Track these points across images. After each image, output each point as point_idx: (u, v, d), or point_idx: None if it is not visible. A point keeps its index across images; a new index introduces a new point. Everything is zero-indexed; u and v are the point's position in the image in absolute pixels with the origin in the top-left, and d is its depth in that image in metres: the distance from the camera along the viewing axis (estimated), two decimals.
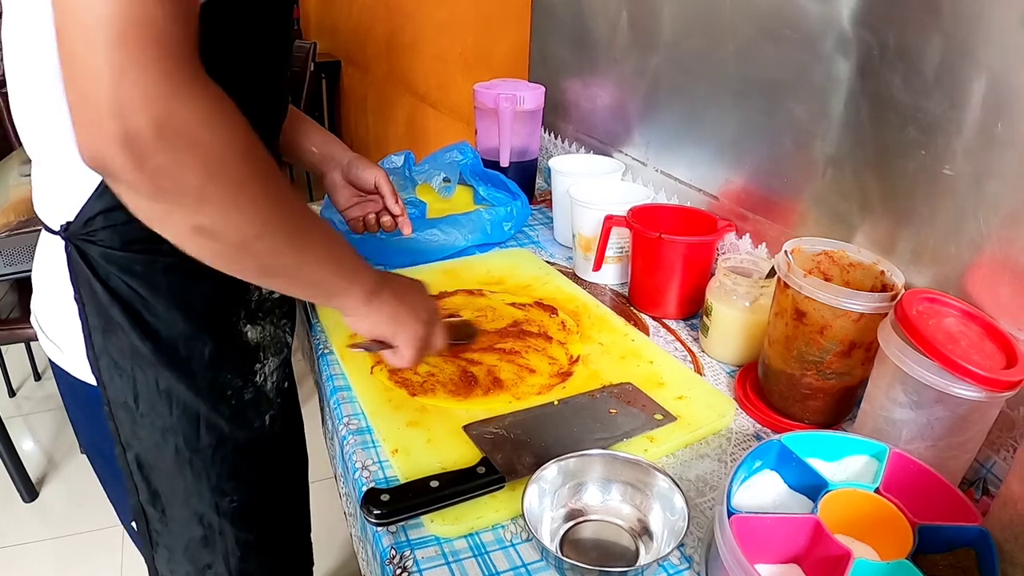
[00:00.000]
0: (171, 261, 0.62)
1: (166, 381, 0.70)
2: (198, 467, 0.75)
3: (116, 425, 0.72)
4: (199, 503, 0.77)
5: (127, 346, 0.68)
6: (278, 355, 0.84)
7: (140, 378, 0.70)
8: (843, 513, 0.58)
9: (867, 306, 0.69)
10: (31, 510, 2.01)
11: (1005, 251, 0.68)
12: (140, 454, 0.73)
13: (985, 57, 0.67)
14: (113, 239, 0.65)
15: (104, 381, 0.70)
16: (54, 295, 0.70)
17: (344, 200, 1.02)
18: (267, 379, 0.81)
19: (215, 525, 0.78)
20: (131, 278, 0.66)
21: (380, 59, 3.17)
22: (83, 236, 0.65)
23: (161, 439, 0.72)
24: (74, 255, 0.65)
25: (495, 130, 1.32)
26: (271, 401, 0.82)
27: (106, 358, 0.69)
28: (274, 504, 0.87)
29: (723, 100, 1.03)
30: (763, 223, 0.99)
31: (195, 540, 0.78)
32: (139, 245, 0.65)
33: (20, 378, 2.53)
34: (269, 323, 0.81)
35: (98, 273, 0.66)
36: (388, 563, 0.61)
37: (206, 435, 0.74)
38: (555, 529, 0.64)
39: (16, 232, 1.69)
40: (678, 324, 1.00)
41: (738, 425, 0.79)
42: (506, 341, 0.90)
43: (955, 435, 0.63)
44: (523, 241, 1.26)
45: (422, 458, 0.70)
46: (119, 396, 0.70)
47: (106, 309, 0.67)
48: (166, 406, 0.71)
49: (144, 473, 0.74)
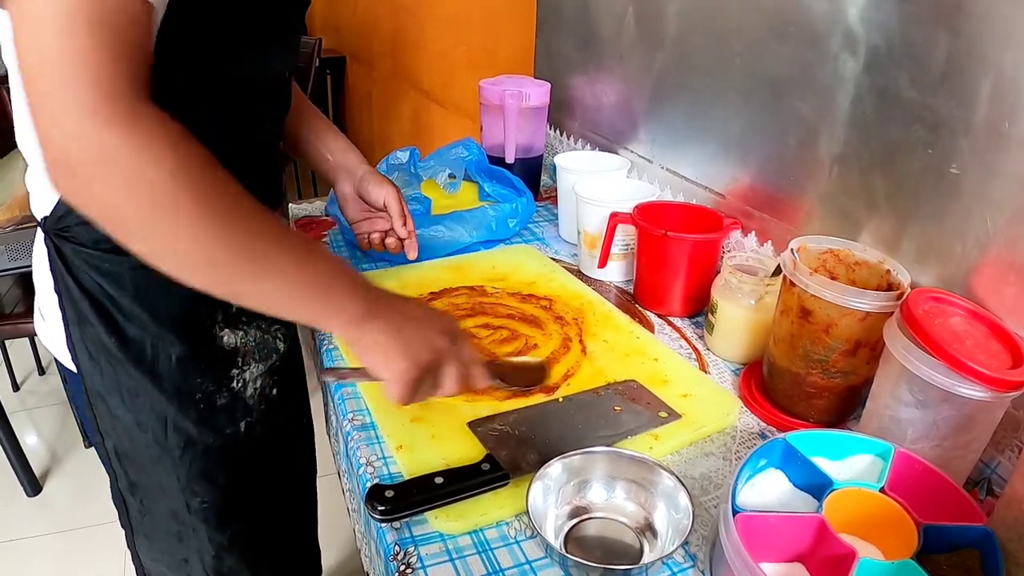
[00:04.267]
0: (138, 262, 0.57)
1: (132, 380, 0.71)
2: (167, 464, 0.75)
3: (95, 414, 0.73)
4: (171, 500, 0.77)
5: (97, 340, 0.69)
6: (263, 361, 0.82)
7: (110, 374, 0.70)
8: (848, 512, 0.58)
9: (873, 305, 0.69)
10: (35, 504, 2.01)
11: (1011, 250, 0.67)
12: (117, 444, 0.74)
13: (992, 55, 0.66)
14: (84, 236, 0.66)
15: (83, 371, 0.71)
16: (43, 286, 0.72)
17: (354, 213, 1.01)
18: (247, 385, 0.80)
19: (187, 523, 0.78)
20: (99, 276, 0.67)
21: (385, 55, 3.16)
22: (57, 231, 0.66)
23: (136, 431, 0.73)
24: (51, 248, 0.67)
25: (500, 127, 1.32)
26: (250, 408, 0.81)
27: (83, 348, 0.70)
28: (252, 507, 0.86)
29: (729, 98, 1.03)
30: (769, 221, 0.99)
31: (171, 535, 0.78)
32: (108, 243, 0.64)
33: (24, 372, 2.54)
34: (255, 328, 0.79)
35: (70, 268, 0.67)
36: (392, 559, 0.61)
37: (173, 435, 0.74)
38: (559, 526, 0.64)
39: (21, 227, 1.70)
40: (683, 322, 1.00)
41: (743, 423, 0.79)
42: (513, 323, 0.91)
43: (960, 435, 0.63)
44: (528, 238, 1.26)
45: (426, 454, 0.70)
46: (95, 386, 0.71)
47: (77, 303, 0.68)
48: (132, 403, 0.72)
49: (121, 463, 0.75)
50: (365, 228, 1.01)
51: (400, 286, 1.02)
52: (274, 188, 0.82)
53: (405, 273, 1.07)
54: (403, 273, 1.07)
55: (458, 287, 1.02)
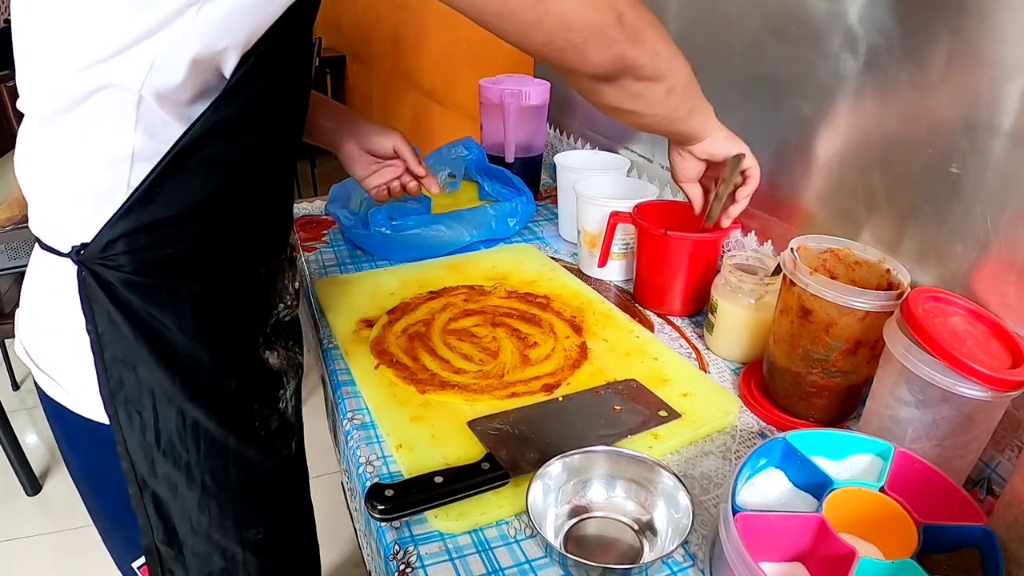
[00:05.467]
0: (197, 289, 0.59)
1: (192, 416, 0.66)
2: (224, 502, 0.71)
3: (132, 464, 0.66)
4: (222, 537, 0.72)
5: (150, 380, 0.63)
6: (296, 377, 0.81)
7: (163, 414, 0.65)
8: (848, 512, 0.58)
9: (873, 304, 0.69)
10: (34, 504, 2.01)
11: (1012, 250, 0.67)
12: (158, 493, 0.68)
13: (992, 54, 0.66)
14: (134, 265, 0.60)
15: (120, 420, 0.64)
16: (53, 325, 0.65)
17: (362, 170, 1.00)
18: (287, 404, 0.79)
19: (238, 557, 0.74)
20: (154, 307, 0.62)
21: (385, 55, 3.16)
22: (100, 260, 0.59)
23: (185, 476, 0.68)
24: (89, 281, 0.60)
25: (500, 126, 1.32)
26: (293, 427, 0.80)
27: (123, 394, 0.63)
28: (296, 528, 0.85)
29: (729, 97, 1.03)
30: (769, 220, 0.99)
31: (215, 572, 0.74)
32: (162, 271, 0.61)
33: (24, 372, 2.54)
34: (282, 347, 0.78)
35: (118, 301, 0.60)
36: (392, 558, 0.61)
37: (235, 469, 0.70)
38: (559, 526, 0.64)
39: (20, 226, 1.70)
40: (683, 321, 1.00)
41: (743, 423, 0.79)
42: (513, 321, 0.91)
43: (960, 434, 0.63)
44: (528, 237, 1.26)
45: (426, 454, 0.70)
46: (136, 435, 0.65)
47: (127, 340, 0.61)
48: (193, 442, 0.67)
49: (161, 512, 0.69)
50: (377, 181, 1.01)
51: (400, 285, 1.02)
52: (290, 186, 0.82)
53: (405, 272, 1.07)
54: (403, 272, 1.07)
55: (458, 286, 1.02)
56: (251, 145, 0.63)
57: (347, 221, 1.17)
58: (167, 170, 0.57)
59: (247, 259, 0.70)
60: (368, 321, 0.93)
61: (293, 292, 0.82)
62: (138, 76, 0.52)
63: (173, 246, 0.61)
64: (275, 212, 0.73)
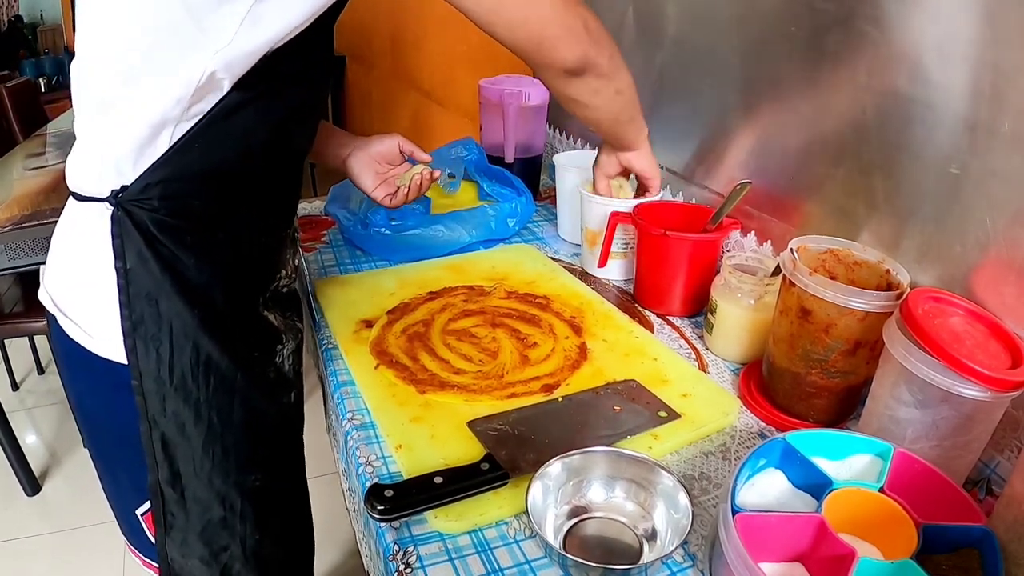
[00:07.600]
0: (220, 238, 0.70)
1: (207, 351, 0.71)
2: (228, 443, 0.75)
3: (145, 400, 0.71)
4: (223, 483, 0.76)
5: (170, 314, 0.69)
6: (294, 340, 0.86)
7: (179, 348, 0.70)
8: (847, 512, 0.58)
9: (872, 305, 0.69)
10: (33, 504, 2.01)
11: (1011, 250, 0.67)
12: (166, 434, 0.73)
13: (993, 56, 0.66)
14: (167, 208, 0.67)
15: (139, 353, 0.69)
16: (81, 270, 0.71)
17: (371, 182, 1.03)
18: (285, 360, 0.83)
19: (236, 506, 0.78)
20: (180, 248, 0.68)
21: (385, 55, 3.16)
22: (136, 202, 0.66)
23: (193, 414, 0.72)
24: (124, 220, 0.66)
25: (500, 126, 1.32)
26: (291, 382, 0.85)
27: (143, 328, 0.69)
28: (291, 487, 0.88)
29: (729, 97, 1.03)
30: (768, 221, 0.99)
31: (214, 522, 0.78)
32: (191, 217, 0.68)
33: (23, 372, 2.54)
34: (279, 314, 0.84)
35: (149, 239, 0.67)
36: (391, 559, 0.61)
37: (239, 409, 0.75)
38: (559, 526, 0.64)
39: (20, 226, 1.70)
40: (683, 321, 1.00)
41: (742, 423, 0.79)
42: (513, 321, 0.91)
43: (960, 435, 0.63)
44: (527, 237, 1.26)
45: (426, 454, 0.70)
46: (152, 370, 0.70)
47: (154, 275, 0.67)
48: (204, 377, 0.72)
49: (168, 452, 0.74)
50: (387, 190, 1.04)
51: (399, 285, 1.02)
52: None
53: (405, 272, 1.07)
54: (403, 273, 1.07)
55: (457, 286, 1.02)
56: (277, 123, 0.71)
57: (347, 221, 1.17)
58: (203, 130, 0.65)
59: (260, 223, 0.78)
60: (368, 321, 0.93)
61: (293, 266, 0.89)
62: (220, 52, 0.60)
63: (201, 198, 0.69)
64: (286, 189, 0.81)
